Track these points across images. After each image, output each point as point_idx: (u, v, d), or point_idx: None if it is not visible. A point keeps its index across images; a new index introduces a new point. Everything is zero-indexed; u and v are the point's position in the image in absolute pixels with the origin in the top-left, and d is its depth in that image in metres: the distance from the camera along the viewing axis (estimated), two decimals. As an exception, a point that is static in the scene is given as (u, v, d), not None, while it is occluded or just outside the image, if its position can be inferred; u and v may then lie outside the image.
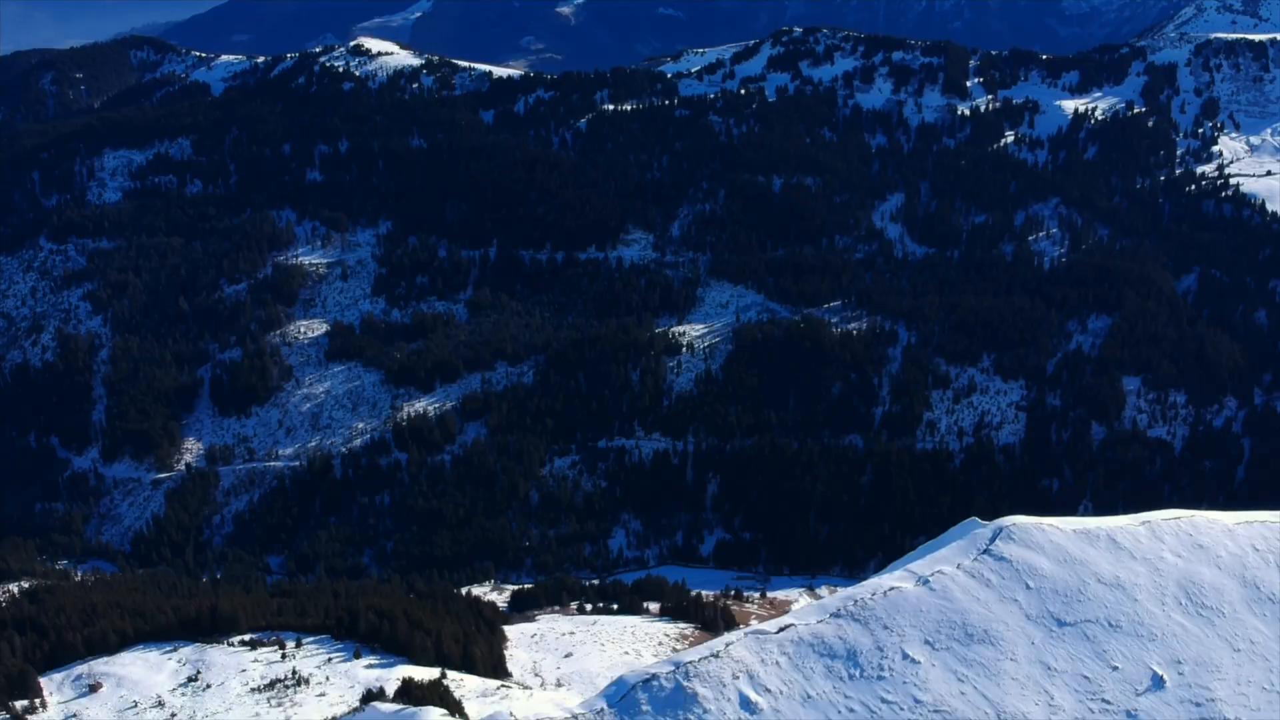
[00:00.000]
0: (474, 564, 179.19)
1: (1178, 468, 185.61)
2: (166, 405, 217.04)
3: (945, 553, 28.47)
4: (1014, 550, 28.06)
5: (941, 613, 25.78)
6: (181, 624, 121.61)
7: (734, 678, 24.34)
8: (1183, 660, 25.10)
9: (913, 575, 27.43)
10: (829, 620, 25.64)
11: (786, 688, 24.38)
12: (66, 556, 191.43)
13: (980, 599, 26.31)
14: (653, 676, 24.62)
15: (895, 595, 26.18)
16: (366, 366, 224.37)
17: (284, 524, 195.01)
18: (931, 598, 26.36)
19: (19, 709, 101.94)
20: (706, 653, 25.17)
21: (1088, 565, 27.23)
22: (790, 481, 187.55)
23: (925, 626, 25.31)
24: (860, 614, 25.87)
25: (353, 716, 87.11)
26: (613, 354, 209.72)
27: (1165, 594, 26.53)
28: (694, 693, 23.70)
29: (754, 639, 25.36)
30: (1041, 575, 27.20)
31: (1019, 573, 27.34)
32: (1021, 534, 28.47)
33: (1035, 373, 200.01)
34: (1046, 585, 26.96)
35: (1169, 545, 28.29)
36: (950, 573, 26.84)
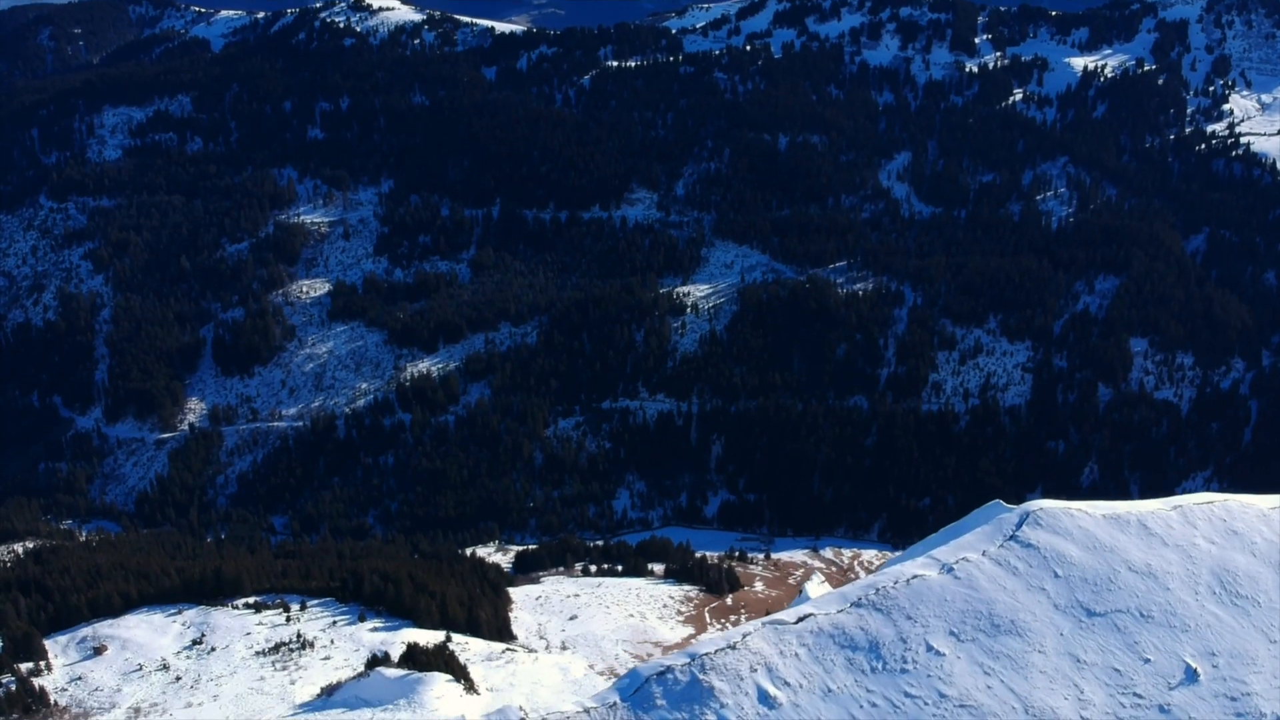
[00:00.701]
0: (478, 525, 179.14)
1: (1184, 430, 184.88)
2: (169, 365, 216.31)
3: (970, 539, 27.42)
4: (1041, 536, 27.00)
5: (967, 602, 24.78)
6: (186, 586, 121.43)
7: (752, 670, 23.39)
8: (1217, 652, 24.20)
9: (936, 562, 26.40)
10: (850, 610, 24.65)
11: (806, 681, 23.45)
12: (71, 516, 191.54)
13: (1007, 588, 25.32)
14: (667, 669, 23.66)
15: (918, 583, 25.16)
16: (369, 326, 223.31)
17: (288, 484, 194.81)
18: (956, 586, 25.36)
19: (24, 671, 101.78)
20: (723, 644, 24.21)
21: (1118, 552, 26.26)
22: (795, 443, 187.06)
23: (950, 617, 24.33)
24: (882, 603, 24.88)
25: (358, 681, 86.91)
26: (617, 314, 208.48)
27: (1199, 582, 25.60)
28: (710, 686, 22.75)
29: (772, 629, 24.39)
30: (1070, 563, 26.19)
31: (1047, 560, 26.32)
32: (1049, 519, 27.41)
33: (1042, 334, 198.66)
34: (1075, 573, 25.96)
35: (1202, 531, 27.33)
36: (975, 560, 25.80)
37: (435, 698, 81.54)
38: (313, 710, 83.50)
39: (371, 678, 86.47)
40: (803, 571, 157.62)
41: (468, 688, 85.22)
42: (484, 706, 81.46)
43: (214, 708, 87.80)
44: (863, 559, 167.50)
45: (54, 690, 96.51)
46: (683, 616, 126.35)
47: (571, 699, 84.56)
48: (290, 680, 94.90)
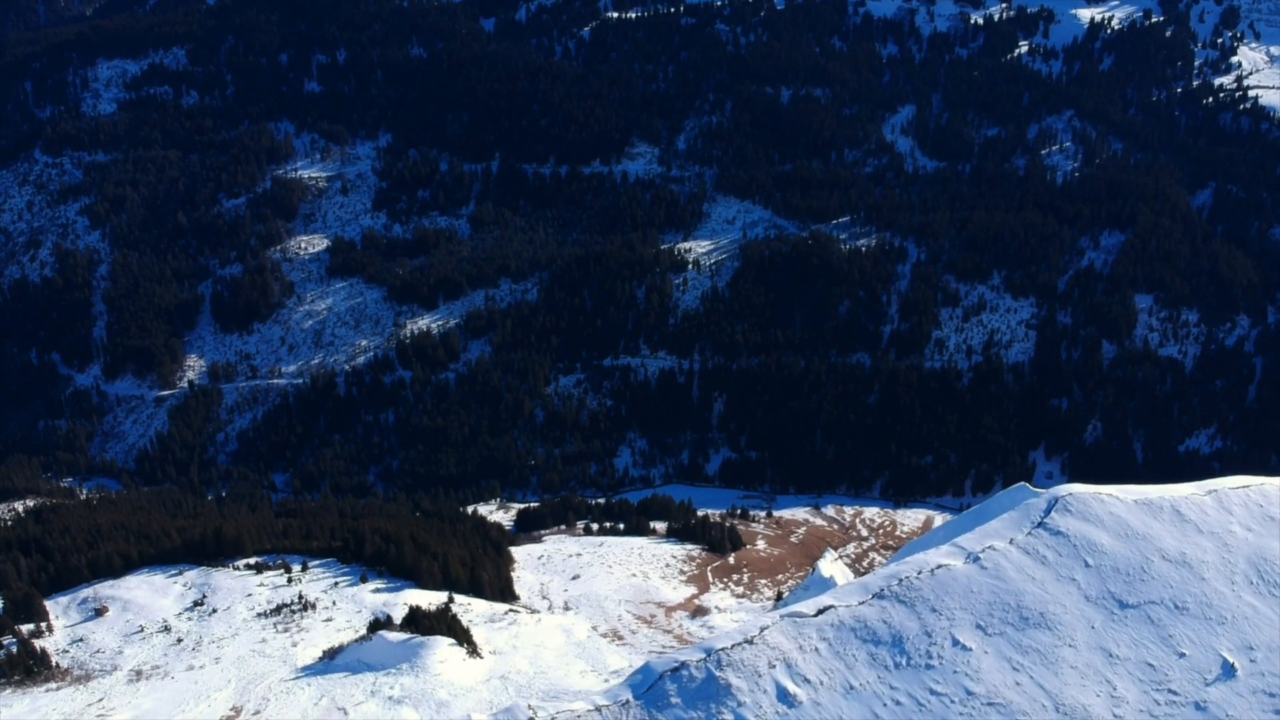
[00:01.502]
0: (480, 483, 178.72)
1: (1188, 387, 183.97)
2: (167, 322, 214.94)
3: (996, 525, 26.28)
4: (1071, 524, 25.87)
5: (994, 594, 23.72)
6: (187, 547, 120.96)
7: (770, 666, 22.37)
8: (1255, 646, 23.19)
9: (961, 551, 25.31)
10: (872, 602, 23.57)
11: (827, 677, 22.45)
12: (71, 474, 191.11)
13: (1036, 578, 24.25)
14: (681, 665, 22.61)
15: (943, 574, 24.08)
16: (369, 283, 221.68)
17: (288, 442, 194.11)
18: (983, 577, 24.29)
19: (25, 633, 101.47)
20: (740, 638, 23.15)
21: (1151, 540, 25.19)
22: (797, 400, 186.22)
23: (976, 609, 23.27)
24: (906, 595, 23.81)
25: (360, 645, 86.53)
26: (618, 271, 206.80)
27: (1235, 572, 24.58)
28: (727, 684, 21.73)
29: (791, 623, 23.33)
30: (1101, 552, 25.11)
31: (1077, 549, 25.24)
32: (1079, 505, 26.25)
33: (1046, 290, 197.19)
34: (1107, 563, 24.88)
35: (1238, 517, 26.28)
36: (1003, 549, 24.70)
37: (438, 661, 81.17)
38: (315, 674, 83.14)
39: (374, 641, 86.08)
40: (805, 530, 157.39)
41: (470, 651, 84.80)
42: (487, 671, 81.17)
43: (215, 670, 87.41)
44: (864, 516, 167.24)
45: (55, 652, 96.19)
46: (685, 576, 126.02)
47: (576, 664, 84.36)
48: (292, 642, 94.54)
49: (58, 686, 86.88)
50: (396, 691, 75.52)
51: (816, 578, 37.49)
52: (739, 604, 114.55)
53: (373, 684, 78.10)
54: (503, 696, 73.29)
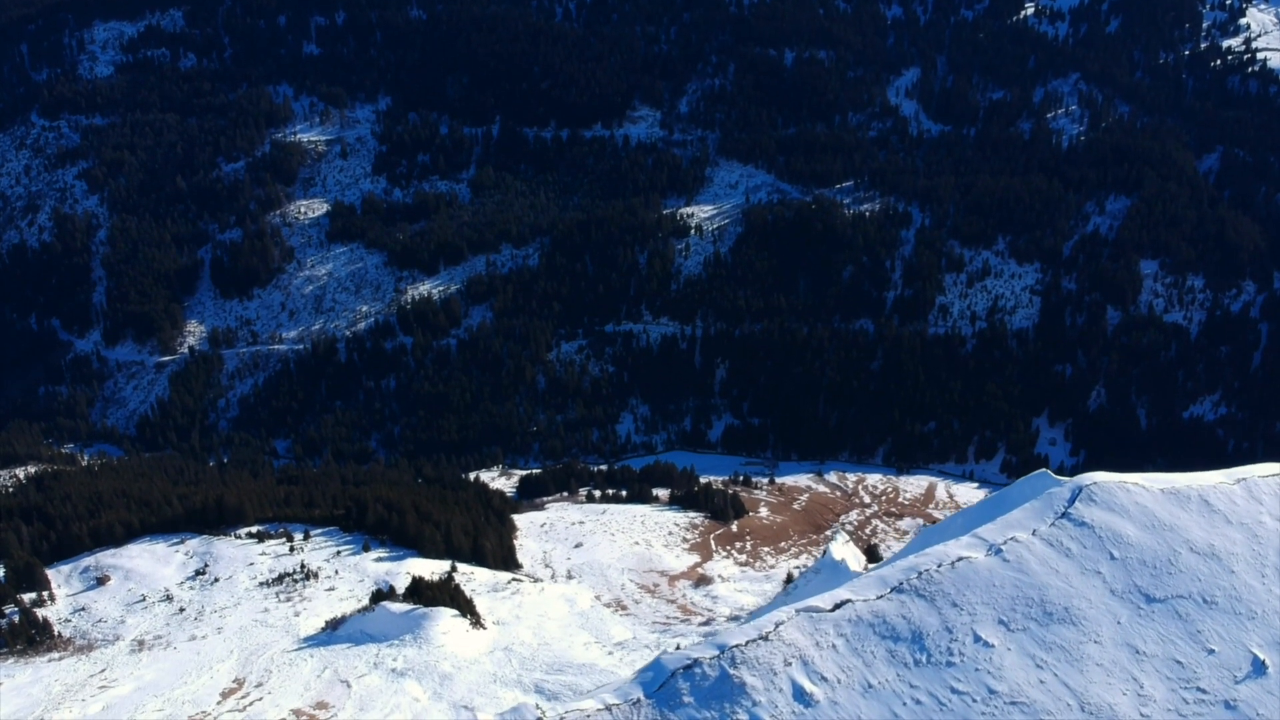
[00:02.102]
0: (482, 449, 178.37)
1: (1193, 353, 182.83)
2: (167, 287, 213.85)
3: (1018, 515, 25.46)
4: (1096, 514, 25.08)
5: (1016, 587, 22.99)
6: (188, 515, 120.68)
7: (786, 664, 21.66)
8: (1286, 642, 22.48)
9: (983, 543, 24.53)
10: (891, 596, 22.83)
11: (845, 675, 21.76)
12: (72, 440, 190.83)
13: (1060, 571, 23.49)
14: (695, 662, 21.88)
15: (964, 567, 23.31)
16: (369, 248, 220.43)
17: (289, 408, 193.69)
18: (1005, 570, 23.54)
19: (27, 602, 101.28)
20: (755, 634, 22.42)
21: (1178, 531, 24.40)
22: (799, 366, 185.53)
23: (999, 604, 22.55)
24: (926, 589, 23.07)
25: (363, 615, 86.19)
26: (619, 236, 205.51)
27: (1265, 564, 23.82)
28: (741, 682, 21.05)
29: (807, 618, 22.60)
30: (1127, 543, 24.33)
31: (1102, 541, 24.45)
32: (1104, 495, 25.46)
33: (1051, 255, 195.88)
34: (1133, 555, 24.11)
35: (1268, 507, 25.50)
36: (1025, 540, 23.92)
37: (441, 633, 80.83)
38: (318, 644, 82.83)
39: (376, 612, 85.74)
40: (807, 497, 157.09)
41: (474, 622, 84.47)
42: (490, 642, 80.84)
43: (218, 640, 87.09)
44: (867, 483, 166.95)
45: (57, 621, 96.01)
46: (688, 544, 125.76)
47: (580, 635, 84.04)
48: (294, 612, 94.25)
49: (60, 656, 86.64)
50: (400, 664, 75.18)
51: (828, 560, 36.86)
52: (742, 572, 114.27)
53: (376, 655, 77.76)
54: (506, 669, 72.97)
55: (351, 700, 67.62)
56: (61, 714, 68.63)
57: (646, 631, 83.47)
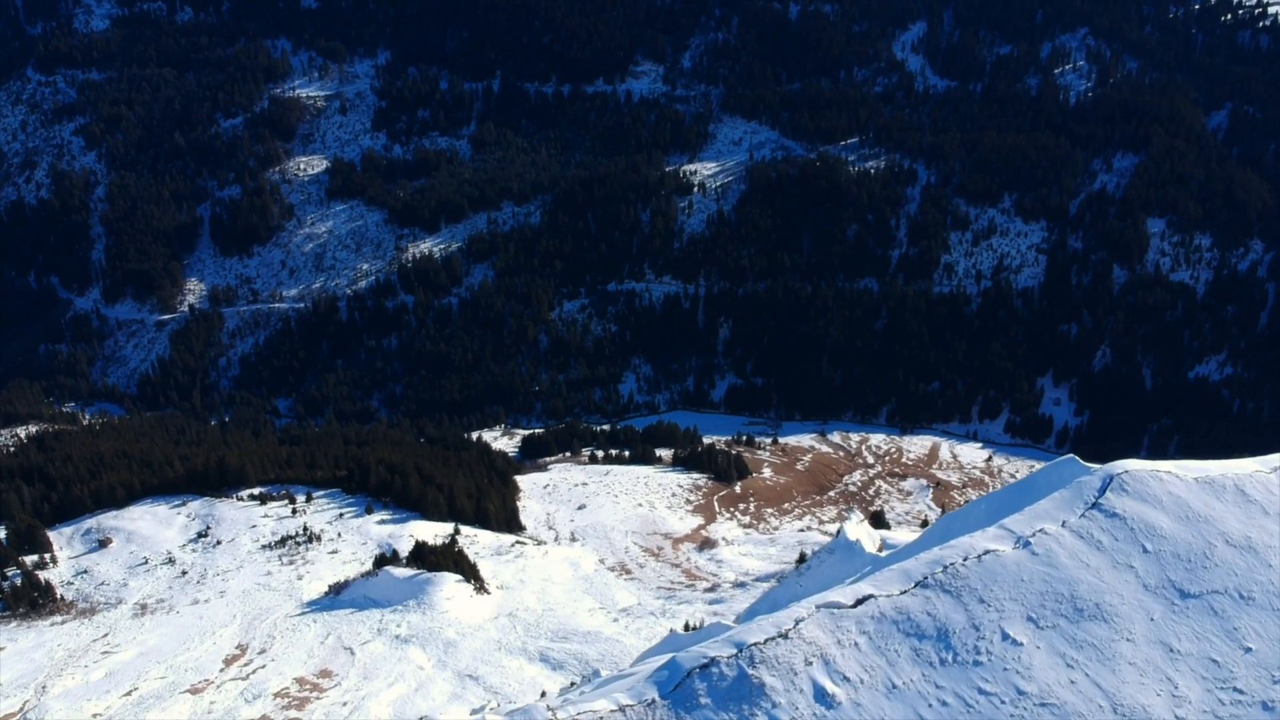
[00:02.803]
0: (484, 409, 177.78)
1: (1199, 312, 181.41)
2: (166, 245, 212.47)
3: (1046, 506, 24.53)
4: (1128, 504, 24.13)
5: (1046, 582, 22.10)
6: (190, 477, 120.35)
7: (807, 664, 20.82)
8: (1326, 640, 21.63)
9: (1010, 534, 23.61)
10: (915, 591, 21.95)
11: (868, 675, 20.94)
12: (73, 399, 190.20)
13: (1091, 565, 22.60)
14: (711, 661, 21.04)
15: (991, 560, 22.42)
16: (369, 205, 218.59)
17: (290, 366, 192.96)
18: (1034, 564, 22.64)
19: (29, 564, 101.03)
20: (773, 631, 21.57)
21: (1214, 523, 23.51)
22: (803, 326, 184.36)
23: (1028, 600, 21.67)
24: (951, 583, 22.19)
25: (366, 580, 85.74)
26: (622, 194, 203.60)
27: (1304, 558, 22.95)
28: (761, 683, 20.22)
29: (828, 616, 21.74)
30: (1161, 536, 23.42)
31: (1134, 533, 23.53)
32: (1136, 484, 24.49)
33: (1057, 214, 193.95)
34: (1167, 548, 23.21)
35: (1307, 497, 24.61)
36: (1054, 532, 23.01)
37: (445, 598, 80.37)
38: (321, 609, 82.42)
39: (380, 576, 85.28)
40: (811, 457, 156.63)
41: (478, 587, 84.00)
42: (494, 608, 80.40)
43: (220, 604, 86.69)
44: (871, 443, 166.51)
45: (60, 584, 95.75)
46: (691, 506, 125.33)
47: (584, 601, 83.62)
48: (297, 575, 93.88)
49: (63, 620, 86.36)
50: (404, 630, 74.71)
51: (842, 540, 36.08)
52: (746, 535, 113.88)
53: (379, 621, 77.30)
54: (511, 636, 72.46)
55: (355, 668, 67.17)
56: (64, 681, 68.27)
57: (651, 597, 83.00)
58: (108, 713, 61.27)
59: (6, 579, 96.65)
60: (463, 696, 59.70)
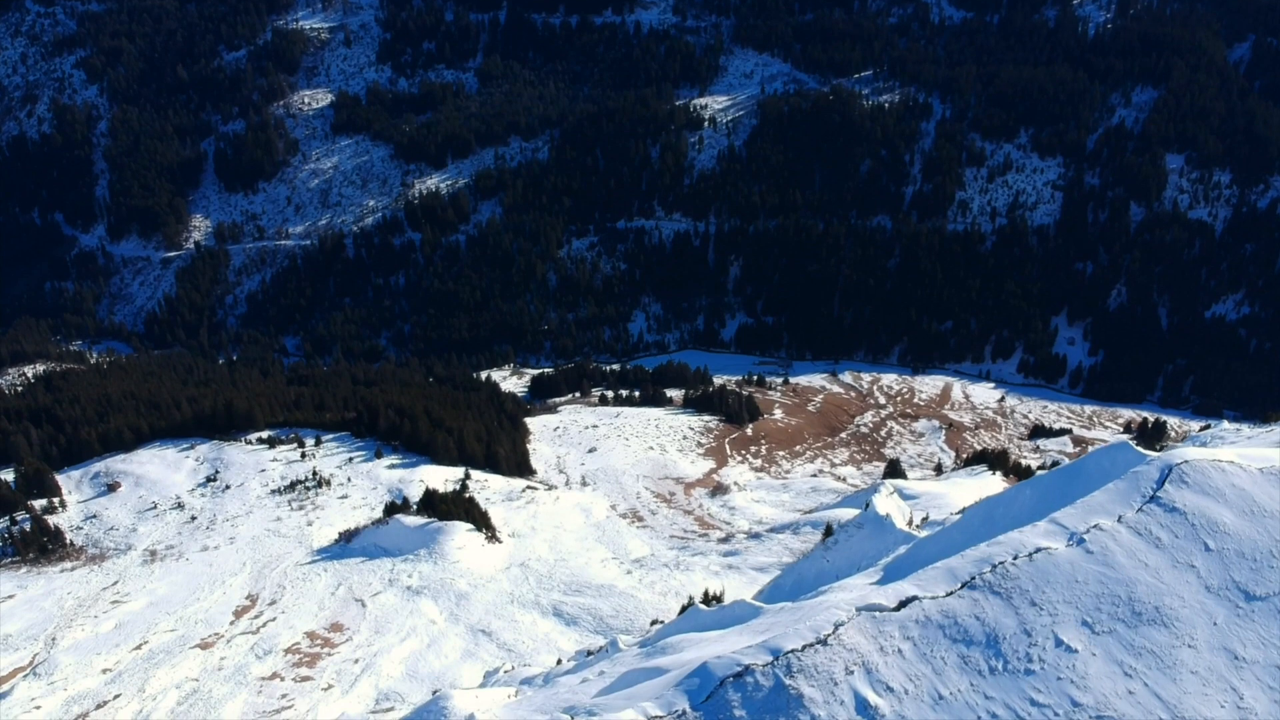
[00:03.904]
0: (492, 348, 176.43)
1: (1217, 251, 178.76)
2: (171, 181, 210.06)
3: (1101, 499, 23.06)
4: (1188, 498, 22.67)
5: (1102, 583, 20.69)
6: (197, 420, 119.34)
7: (847, 673, 19.49)
8: (1401, 646, 20.29)
9: (1063, 530, 22.17)
10: (963, 594, 20.56)
11: (912, 685, 19.64)
12: (80, 337, 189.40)
13: (1149, 565, 21.19)
14: (746, 670, 19.75)
15: (1044, 560, 21.00)
16: (375, 140, 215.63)
17: (298, 304, 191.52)
18: (1088, 563, 21.23)
19: (38, 509, 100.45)
20: (811, 637, 20.23)
21: None
22: (815, 264, 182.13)
23: (1082, 602, 20.29)
24: (1001, 585, 20.80)
25: (376, 528, 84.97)
26: (631, 128, 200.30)
27: (1376, 556, 21.53)
28: (799, 693, 18.91)
29: (869, 620, 20.38)
30: (1223, 532, 22.00)
31: (1195, 529, 22.11)
32: (1197, 475, 22.99)
33: (1074, 149, 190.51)
34: (1230, 546, 21.80)
35: (1378, 489, 23.13)
36: (1110, 528, 21.55)
37: (456, 548, 79.62)
38: (331, 558, 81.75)
39: (390, 525, 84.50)
40: (822, 398, 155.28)
41: (489, 536, 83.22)
42: (506, 557, 79.65)
43: (230, 551, 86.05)
44: (882, 383, 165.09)
45: (69, 529, 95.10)
46: (703, 449, 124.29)
47: (597, 550, 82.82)
48: (307, 521, 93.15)
49: (72, 566, 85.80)
50: (415, 581, 73.98)
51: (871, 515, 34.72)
52: (758, 479, 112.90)
53: (390, 571, 76.58)
54: (523, 588, 71.74)
55: (366, 622, 66.52)
56: (73, 633, 67.78)
57: (664, 547, 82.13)
58: (117, 667, 60.81)
59: (16, 523, 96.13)
60: (475, 654, 58.98)
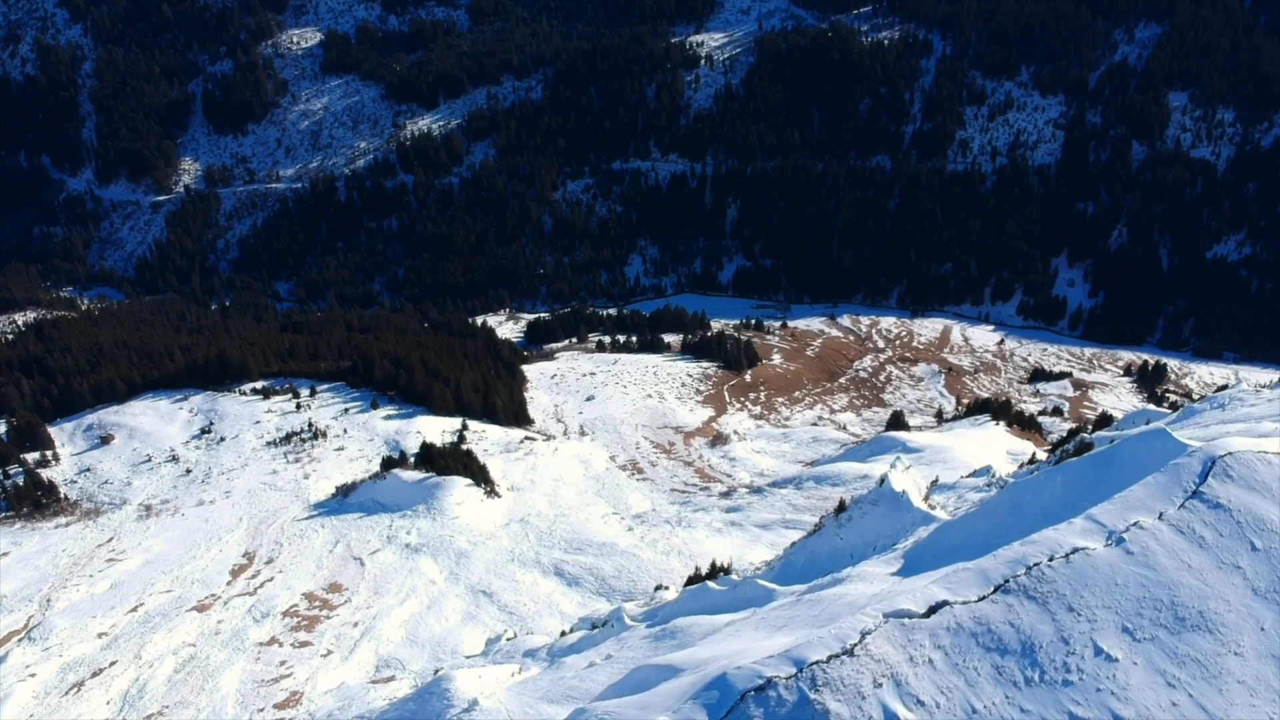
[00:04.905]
0: (488, 292, 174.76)
1: (1219, 190, 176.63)
2: (159, 123, 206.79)
3: (1140, 493, 21.83)
4: (1233, 493, 21.49)
5: (1143, 586, 19.62)
6: (190, 370, 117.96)
7: (875, 685, 18.47)
8: None
9: (1100, 529, 21.04)
10: (996, 598, 19.48)
11: (944, 698, 18.60)
12: (70, 283, 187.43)
13: (1193, 566, 20.11)
14: (768, 683, 18.70)
15: (1081, 561, 19.91)
16: (365, 80, 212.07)
17: (290, 249, 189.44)
18: (1129, 564, 20.14)
19: (31, 462, 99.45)
20: (837, 647, 19.16)
21: (1331, 515, 20.85)
22: (813, 205, 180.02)
23: (1123, 607, 19.22)
24: (1037, 588, 19.73)
25: (374, 483, 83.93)
26: (626, 67, 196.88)
27: None
28: (825, 709, 17.89)
29: (898, 628, 19.31)
30: (1271, 531, 20.86)
31: (1241, 527, 20.95)
32: (1242, 469, 21.80)
33: (1076, 87, 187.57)
34: (1277, 545, 20.60)
35: None
36: (1151, 526, 20.45)
37: (455, 503, 78.65)
38: (328, 513, 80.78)
39: (388, 480, 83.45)
40: (821, 342, 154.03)
41: (488, 491, 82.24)
42: (506, 513, 78.76)
43: (226, 506, 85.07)
44: (881, 326, 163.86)
45: (63, 483, 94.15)
46: (702, 396, 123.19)
47: (597, 505, 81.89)
48: (304, 474, 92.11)
49: (67, 522, 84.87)
50: (414, 538, 73.08)
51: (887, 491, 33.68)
52: (758, 428, 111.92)
53: (389, 527, 75.64)
54: (524, 545, 70.86)
55: (365, 582, 65.68)
56: (68, 594, 66.93)
57: (665, 501, 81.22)
58: (113, 631, 59.99)
59: (9, 477, 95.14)
60: (476, 617, 58.08)
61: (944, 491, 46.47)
